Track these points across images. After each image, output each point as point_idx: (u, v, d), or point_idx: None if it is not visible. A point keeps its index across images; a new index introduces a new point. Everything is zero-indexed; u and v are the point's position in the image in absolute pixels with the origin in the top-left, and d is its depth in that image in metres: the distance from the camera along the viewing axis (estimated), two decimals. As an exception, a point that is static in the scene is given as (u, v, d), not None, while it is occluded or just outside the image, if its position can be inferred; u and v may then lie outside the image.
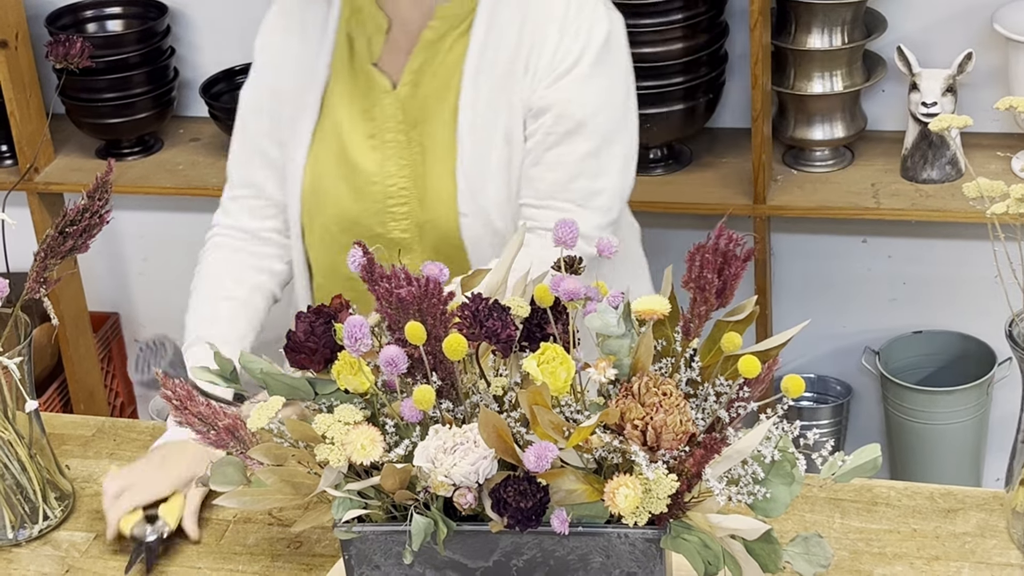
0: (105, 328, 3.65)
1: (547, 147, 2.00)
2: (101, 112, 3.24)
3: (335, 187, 2.07)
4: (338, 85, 2.08)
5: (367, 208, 2.06)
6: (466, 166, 2.00)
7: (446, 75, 2.02)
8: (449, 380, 1.53)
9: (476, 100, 2.00)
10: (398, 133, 2.04)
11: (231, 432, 1.56)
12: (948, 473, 3.12)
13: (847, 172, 2.99)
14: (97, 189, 1.87)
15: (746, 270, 1.53)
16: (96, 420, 2.21)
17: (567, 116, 1.99)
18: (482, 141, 2.00)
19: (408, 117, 2.04)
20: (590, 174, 2.01)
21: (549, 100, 1.99)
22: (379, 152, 2.04)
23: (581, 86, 1.99)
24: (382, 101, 2.04)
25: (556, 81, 1.99)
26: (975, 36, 2.95)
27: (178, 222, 3.55)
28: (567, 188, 2.01)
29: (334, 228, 2.08)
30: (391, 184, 2.04)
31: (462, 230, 2.02)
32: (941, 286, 3.20)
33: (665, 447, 1.45)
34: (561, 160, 2.00)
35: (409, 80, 2.03)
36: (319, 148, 2.08)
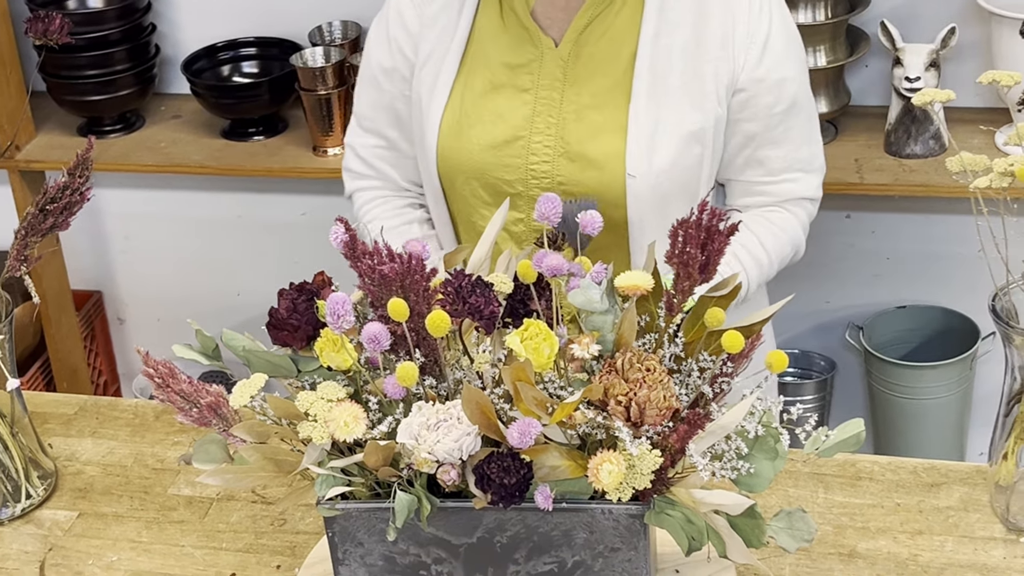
0: (88, 306, 3.64)
1: (773, 127, 2.03)
2: (82, 89, 3.22)
3: (477, 139, 2.04)
4: (485, 38, 2.05)
5: (510, 164, 2.03)
6: (640, 127, 1.98)
7: (617, 36, 2.01)
8: (432, 357, 1.53)
9: (655, 63, 1.99)
10: (552, 91, 2.02)
11: (213, 409, 1.55)
12: (932, 447, 3.12)
13: (831, 147, 2.98)
14: (78, 167, 1.86)
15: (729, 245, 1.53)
16: (78, 398, 2.20)
17: (785, 95, 2.02)
18: (659, 104, 1.99)
19: (569, 76, 2.02)
20: (809, 139, 2.09)
21: (764, 82, 2.01)
22: (530, 108, 2.02)
23: (784, 60, 2.02)
24: (543, 57, 2.02)
25: (760, 58, 2.00)
26: (958, 11, 2.94)
27: (160, 200, 3.53)
28: (797, 158, 2.07)
29: (475, 183, 2.06)
30: (537, 140, 2.02)
31: (628, 192, 2.01)
32: (925, 261, 3.20)
33: (649, 423, 1.44)
34: (788, 135, 2.05)
35: (573, 38, 2.02)
36: (460, 100, 2.06)
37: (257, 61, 3.32)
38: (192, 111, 3.32)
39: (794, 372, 3.33)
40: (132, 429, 2.12)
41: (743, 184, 2.08)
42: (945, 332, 3.20)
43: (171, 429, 2.11)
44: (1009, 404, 1.74)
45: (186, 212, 3.55)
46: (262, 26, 3.31)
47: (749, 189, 2.08)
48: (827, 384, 3.29)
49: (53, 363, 3.48)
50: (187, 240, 3.58)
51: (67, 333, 3.48)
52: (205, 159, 3.17)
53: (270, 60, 3.30)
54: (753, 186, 2.08)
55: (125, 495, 1.99)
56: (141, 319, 3.73)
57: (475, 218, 2.08)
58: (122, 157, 3.22)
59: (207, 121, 3.27)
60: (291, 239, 3.48)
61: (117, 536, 1.92)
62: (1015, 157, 1.63)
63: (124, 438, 2.10)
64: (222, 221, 3.53)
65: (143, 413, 2.15)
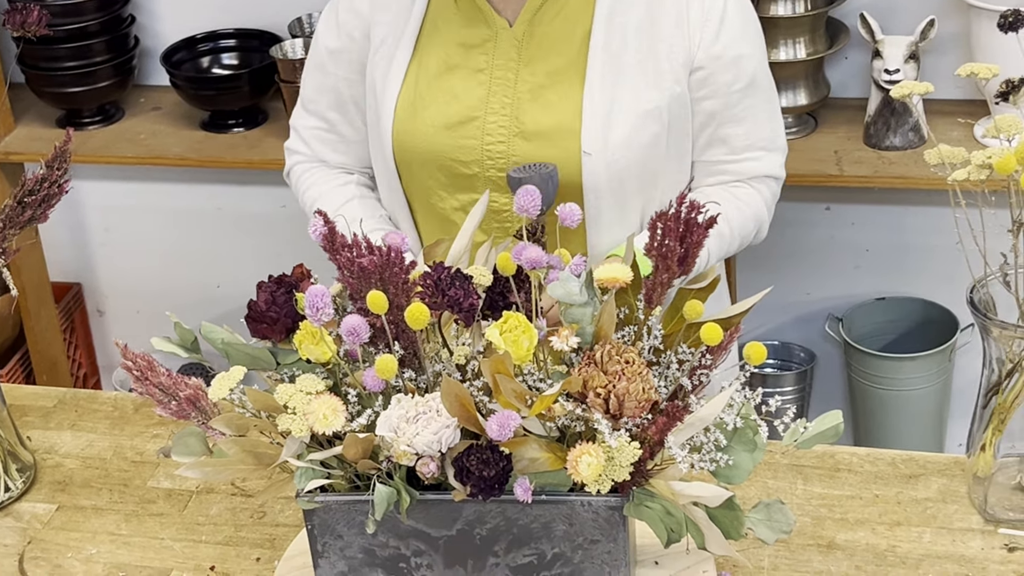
0: (67, 298, 3.63)
1: (733, 104, 2.03)
2: (61, 81, 3.21)
3: (431, 121, 2.04)
4: (439, 19, 2.05)
5: (464, 145, 2.03)
6: (595, 105, 1.99)
7: (572, 15, 2.01)
8: (411, 349, 1.53)
9: (609, 41, 1.99)
10: (507, 71, 2.03)
11: (192, 402, 1.55)
12: (911, 439, 3.13)
13: (810, 139, 2.99)
14: (56, 159, 1.86)
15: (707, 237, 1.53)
16: (57, 391, 2.20)
17: (743, 72, 2.03)
18: (614, 82, 1.99)
19: (523, 56, 2.02)
20: (770, 117, 2.08)
21: (721, 60, 2.01)
22: (485, 88, 2.02)
23: (740, 38, 2.02)
24: (498, 38, 2.03)
25: (716, 36, 2.00)
26: (937, 3, 2.95)
27: (140, 192, 3.53)
28: (758, 135, 2.06)
29: (432, 165, 2.06)
30: (492, 121, 2.02)
31: (583, 169, 2.01)
32: (904, 253, 3.21)
33: (628, 415, 1.45)
34: (748, 113, 2.05)
35: (527, 19, 2.02)
36: (415, 83, 2.06)
37: (237, 53, 3.32)
38: (172, 103, 3.31)
39: (774, 363, 3.34)
40: (111, 422, 2.12)
41: (706, 164, 2.07)
42: (924, 323, 3.21)
43: (150, 422, 2.10)
44: (987, 396, 1.75)
45: (166, 204, 3.54)
46: (242, 18, 3.30)
47: (712, 169, 2.07)
48: (807, 375, 3.29)
49: (32, 355, 3.47)
50: (167, 232, 3.57)
51: (46, 325, 3.47)
52: (185, 151, 3.17)
53: (250, 52, 3.29)
54: (716, 165, 2.07)
55: (104, 488, 1.99)
56: (121, 311, 3.72)
57: (433, 200, 2.07)
58: (102, 149, 3.21)
59: (187, 113, 3.27)
60: (271, 231, 3.48)
61: (96, 529, 1.91)
62: (993, 150, 1.64)
63: (103, 431, 2.10)
64: (202, 213, 3.52)
65: (122, 406, 2.15)
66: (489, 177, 2.02)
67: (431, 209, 2.08)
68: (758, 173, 2.07)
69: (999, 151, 1.63)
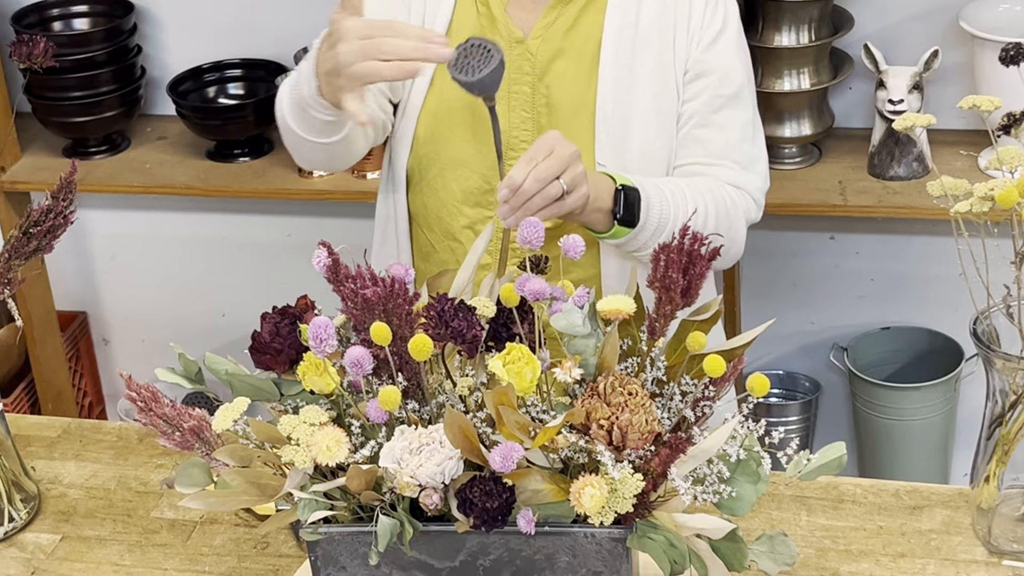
0: (73, 327, 3.63)
1: (714, 109, 2.03)
2: (68, 111, 3.22)
3: (455, 133, 2.05)
4: (463, 31, 2.05)
5: (487, 156, 2.03)
6: (608, 118, 2.00)
7: (583, 29, 2.03)
8: (415, 380, 1.53)
9: (619, 54, 2.01)
10: (523, 85, 2.04)
11: (196, 433, 1.55)
12: (916, 469, 3.13)
13: (815, 169, 2.99)
14: (61, 189, 1.86)
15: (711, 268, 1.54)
16: (62, 421, 2.20)
17: (729, 80, 2.04)
18: (625, 94, 2.01)
19: (536, 69, 2.03)
20: (750, 139, 2.07)
21: (711, 64, 2.03)
22: (505, 103, 2.03)
23: (733, 54, 2.04)
24: (512, 51, 2.03)
25: (711, 45, 2.02)
26: (941, 33, 2.96)
27: (146, 220, 3.53)
28: (736, 149, 2.05)
29: (449, 176, 2.06)
30: (514, 135, 2.03)
31: None
32: (909, 282, 3.21)
33: (631, 446, 1.45)
34: (729, 122, 2.04)
35: (540, 34, 2.03)
36: (440, 94, 2.06)
37: (243, 83, 3.33)
38: (178, 132, 3.32)
39: (779, 393, 3.34)
40: (115, 452, 2.12)
41: (680, 168, 2.06)
42: (929, 353, 3.21)
43: (154, 452, 2.10)
44: (991, 427, 1.75)
45: (171, 233, 3.55)
46: (248, 48, 3.31)
47: (686, 171, 2.05)
48: (812, 405, 3.29)
49: (38, 384, 3.47)
50: (172, 261, 3.58)
51: (52, 354, 3.47)
52: (190, 180, 3.18)
53: (256, 81, 3.31)
54: (690, 167, 2.05)
55: (108, 518, 1.99)
56: (126, 339, 3.73)
57: (442, 213, 2.07)
58: (108, 178, 3.22)
59: (192, 142, 3.28)
60: (276, 260, 3.48)
61: (100, 559, 1.91)
62: (995, 182, 1.64)
63: (107, 461, 2.10)
64: (207, 242, 3.53)
65: (126, 436, 2.15)
66: None
67: (438, 222, 2.08)
68: (733, 182, 2.05)
69: (1001, 183, 1.63)
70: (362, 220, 3.22)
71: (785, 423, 3.25)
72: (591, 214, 1.87)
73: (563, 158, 1.78)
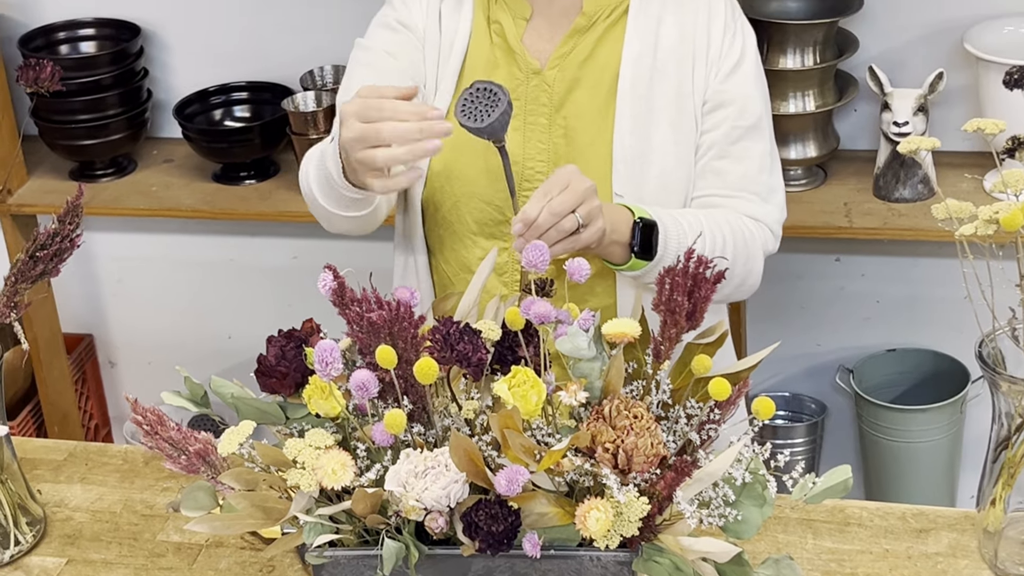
0: (79, 350, 3.63)
1: (733, 140, 2.03)
2: (74, 134, 3.23)
3: (472, 165, 2.04)
4: (478, 63, 2.06)
5: (502, 189, 2.01)
6: (625, 148, 2.00)
7: (601, 59, 2.03)
8: (420, 404, 1.53)
9: (636, 84, 2.01)
10: (540, 116, 2.03)
11: (202, 457, 1.55)
12: (922, 491, 3.12)
13: (820, 191, 2.99)
14: (68, 213, 1.87)
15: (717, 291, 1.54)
16: (68, 444, 2.20)
17: (748, 111, 2.03)
18: (643, 124, 2.01)
19: (553, 100, 2.03)
20: (768, 169, 2.06)
21: (730, 94, 2.02)
22: (520, 133, 2.03)
23: (752, 85, 2.04)
24: (528, 82, 2.04)
25: (729, 76, 2.02)
26: (946, 56, 2.96)
27: (152, 243, 3.54)
28: (755, 180, 2.04)
29: (463, 208, 2.06)
30: (530, 166, 2.03)
31: None
32: (914, 304, 3.21)
33: (636, 470, 1.45)
34: (747, 153, 2.03)
35: (556, 64, 2.03)
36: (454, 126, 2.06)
37: (249, 105, 3.34)
38: (184, 155, 3.33)
39: (785, 415, 3.33)
40: (121, 475, 2.12)
41: (698, 200, 2.05)
42: (935, 375, 3.20)
43: (160, 475, 2.10)
44: (997, 450, 1.75)
45: (178, 256, 3.55)
46: (254, 71, 3.32)
47: (704, 203, 2.04)
48: (818, 427, 3.29)
49: (44, 407, 3.48)
50: (179, 283, 3.58)
51: (58, 376, 3.48)
52: (197, 203, 3.18)
53: (262, 104, 3.31)
54: (708, 199, 2.04)
55: (114, 541, 1.99)
56: (132, 362, 3.73)
57: (457, 246, 2.08)
58: (114, 201, 3.22)
59: (199, 165, 3.28)
60: (282, 283, 3.49)
61: (106, 583, 1.92)
62: (1000, 205, 1.64)
63: (113, 484, 2.10)
64: (214, 265, 3.54)
65: (132, 459, 2.15)
66: None
67: (453, 255, 2.08)
68: (751, 214, 2.04)
69: (1006, 206, 1.63)
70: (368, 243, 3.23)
71: (791, 445, 3.24)
72: (608, 247, 1.87)
73: (579, 192, 1.78)
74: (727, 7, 2.05)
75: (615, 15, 2.04)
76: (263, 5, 3.26)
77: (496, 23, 2.05)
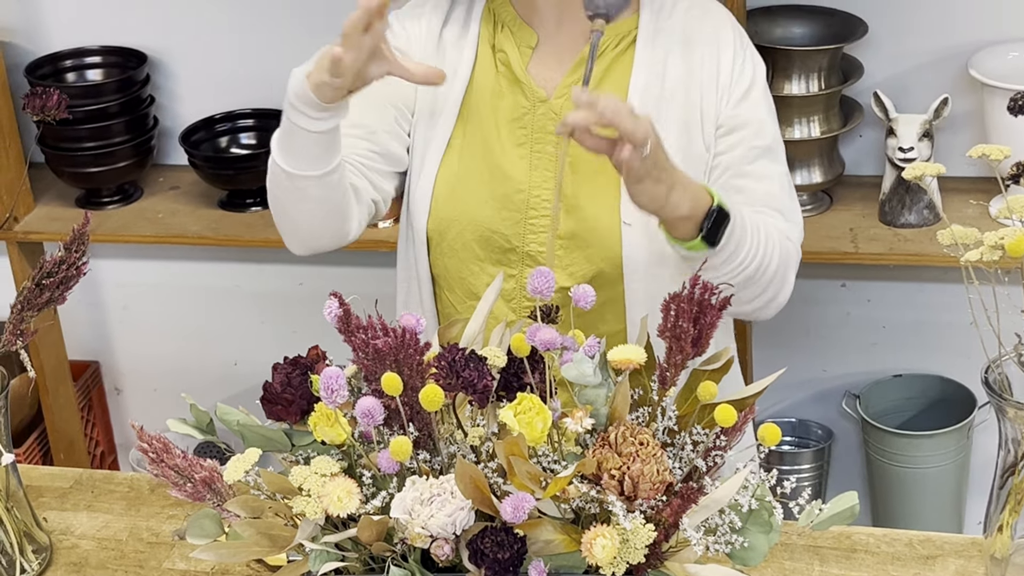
0: (85, 377, 3.64)
1: (750, 160, 2.02)
2: (81, 161, 3.24)
3: (475, 193, 2.04)
4: (482, 92, 2.06)
5: (508, 218, 2.03)
6: None
7: (608, 87, 2.03)
8: (426, 431, 1.53)
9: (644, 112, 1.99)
10: (547, 144, 2.03)
11: (208, 484, 1.55)
12: (930, 517, 3.12)
13: (825, 217, 3.00)
14: (74, 241, 1.87)
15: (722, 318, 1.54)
16: (74, 472, 2.20)
17: (764, 133, 2.03)
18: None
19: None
20: (788, 192, 2.05)
21: (743, 117, 2.02)
22: (526, 161, 2.03)
23: (765, 109, 2.04)
24: (535, 111, 2.04)
25: (741, 101, 2.02)
26: (951, 81, 2.97)
27: (158, 271, 3.55)
28: (776, 198, 2.03)
29: (468, 237, 2.05)
30: (536, 195, 2.03)
31: (624, 240, 2.01)
32: (921, 330, 3.21)
33: (642, 497, 1.44)
34: (767, 172, 2.02)
35: (564, 93, 2.03)
36: (458, 154, 2.06)
37: (254, 132, 3.35)
38: (190, 182, 3.33)
39: (791, 441, 3.33)
40: (127, 503, 2.12)
41: None
42: (942, 400, 3.20)
43: (166, 502, 2.10)
44: (1003, 477, 1.74)
45: (184, 282, 3.56)
46: (259, 98, 3.33)
47: None
48: (824, 453, 3.28)
49: (50, 434, 3.48)
50: (184, 310, 3.59)
51: (64, 404, 3.48)
52: (203, 230, 3.19)
53: (267, 131, 3.28)
54: None
55: (120, 569, 1.99)
56: (138, 389, 3.73)
57: (464, 274, 2.08)
58: (120, 228, 3.23)
59: (205, 192, 3.29)
60: (288, 309, 3.49)
61: (111, 610, 1.91)
62: (1005, 231, 1.64)
63: (119, 512, 2.10)
64: (219, 291, 3.54)
65: (138, 486, 2.15)
66: (527, 251, 2.02)
67: (460, 283, 2.08)
68: (776, 227, 2.01)
69: (1011, 232, 1.63)
70: (374, 269, 3.24)
71: (798, 471, 3.24)
72: (680, 221, 1.83)
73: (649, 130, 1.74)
74: (736, 37, 2.05)
75: (623, 44, 2.04)
76: (268, 33, 3.27)
77: (501, 51, 2.06)
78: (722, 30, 2.05)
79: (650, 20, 2.03)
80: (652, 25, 2.03)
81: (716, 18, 2.06)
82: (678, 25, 2.04)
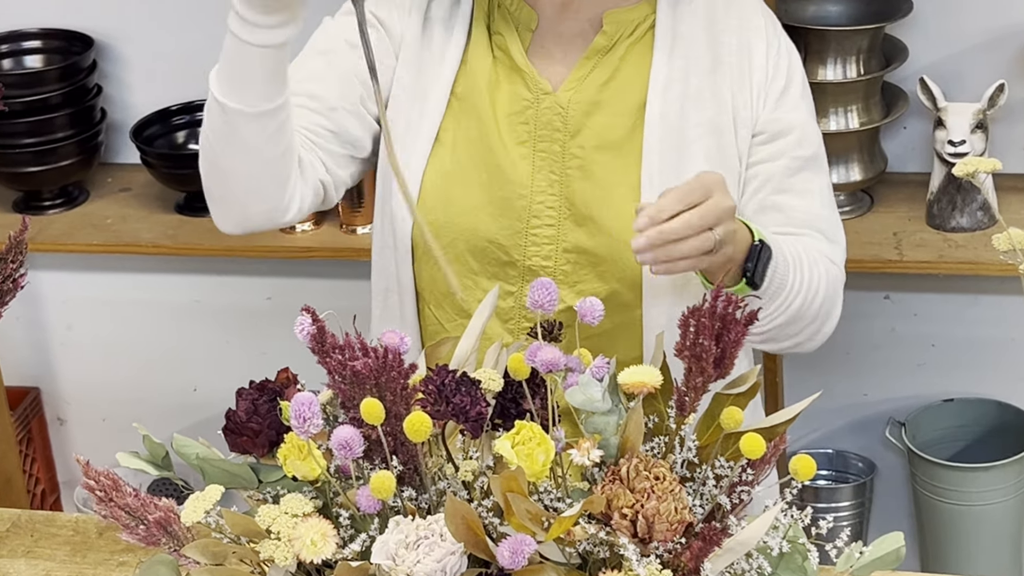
0: (24, 405, 3.64)
1: (792, 172, 2.02)
2: (19, 159, 3.24)
3: (470, 196, 2.03)
4: (477, 78, 2.05)
5: (507, 226, 2.02)
6: (654, 185, 1.97)
7: (624, 83, 2.02)
8: (411, 464, 1.53)
9: (666, 113, 2.00)
10: (552, 143, 2.02)
11: (163, 526, 1.55)
12: (985, 561, 3.12)
13: (866, 220, 3.00)
14: (10, 250, 1.87)
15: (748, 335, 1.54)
16: (11, 513, 2.20)
17: (808, 140, 2.03)
18: (674, 159, 1.99)
19: (568, 125, 2.02)
20: (831, 206, 2.06)
21: (785, 122, 2.02)
22: (528, 162, 2.02)
23: (805, 110, 2.05)
24: (539, 104, 2.03)
25: (780, 102, 2.02)
26: (1007, 65, 2.97)
27: (107, 284, 3.55)
28: (820, 216, 2.03)
29: (461, 247, 2.03)
30: (539, 201, 2.01)
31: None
32: (974, 348, 3.21)
33: (658, 539, 1.45)
34: (809, 186, 2.03)
35: (574, 85, 2.02)
36: (451, 150, 2.05)
37: (216, 126, 3.35)
38: (143, 183, 3.34)
39: (828, 475, 3.33)
40: (72, 548, 2.12)
41: None
42: (999, 428, 3.20)
43: (116, 548, 2.10)
44: (1069, 514, 1.74)
45: (136, 297, 3.56)
46: (222, 87, 3.33)
47: None
48: (866, 488, 3.29)
49: (-16, 470, 3.48)
50: (137, 329, 3.59)
51: (0, 436, 3.48)
52: (157, 237, 3.19)
53: (231, 125, 3.32)
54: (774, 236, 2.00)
55: (63, 624, 1.99)
56: (84, 419, 3.73)
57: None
58: (64, 236, 3.24)
59: (160, 194, 3.30)
60: (255, 327, 3.49)
61: (54, 671, 1.91)
62: (1070, 234, 1.64)
63: (63, 558, 2.10)
64: (176, 308, 3.54)
65: (84, 529, 2.15)
66: (529, 266, 2.01)
67: (449, 299, 2.06)
68: (819, 252, 2.02)
69: (1078, 235, 1.63)
70: (351, 281, 3.24)
71: (835, 509, 3.24)
72: (719, 268, 1.84)
73: (722, 209, 1.75)
74: (767, 23, 2.05)
75: (639, 31, 2.03)
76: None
77: (497, 34, 2.05)
78: (752, 16, 2.04)
79: (669, 3, 2.03)
80: (671, 9, 2.03)
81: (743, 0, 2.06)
82: (700, 9, 2.03)
